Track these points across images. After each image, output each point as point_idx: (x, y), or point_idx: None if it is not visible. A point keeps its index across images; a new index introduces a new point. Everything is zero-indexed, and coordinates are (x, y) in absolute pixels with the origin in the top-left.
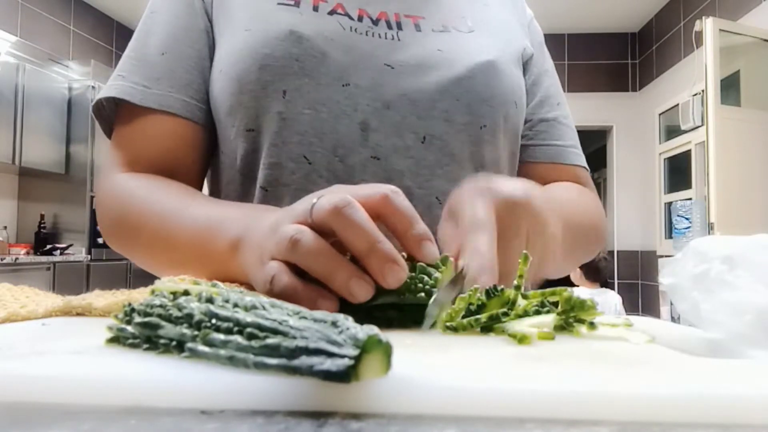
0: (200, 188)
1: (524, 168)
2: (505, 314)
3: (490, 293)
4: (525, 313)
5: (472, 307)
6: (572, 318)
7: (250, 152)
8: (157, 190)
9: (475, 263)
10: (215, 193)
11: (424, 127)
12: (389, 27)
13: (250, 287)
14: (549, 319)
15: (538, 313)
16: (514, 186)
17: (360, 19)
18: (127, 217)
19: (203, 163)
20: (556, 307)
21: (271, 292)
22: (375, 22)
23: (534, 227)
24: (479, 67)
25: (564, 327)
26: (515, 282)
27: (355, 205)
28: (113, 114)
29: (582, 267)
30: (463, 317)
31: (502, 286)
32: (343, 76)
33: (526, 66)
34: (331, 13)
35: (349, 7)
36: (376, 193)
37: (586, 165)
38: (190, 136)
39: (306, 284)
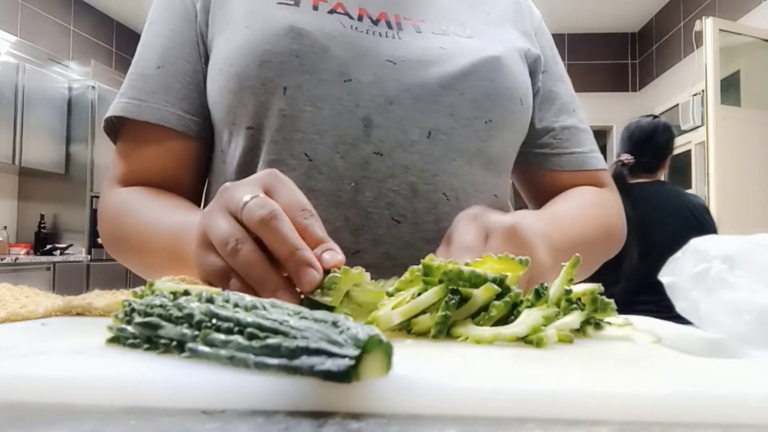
0: (198, 197)
1: (548, 176)
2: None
3: (540, 293)
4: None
5: (512, 318)
6: (593, 319)
7: (248, 150)
8: (145, 202)
9: None
10: (211, 194)
11: (428, 122)
12: (389, 27)
13: None
14: (573, 318)
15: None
16: (503, 216)
17: (360, 18)
18: (117, 229)
19: (199, 174)
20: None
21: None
22: (375, 22)
23: (521, 253)
24: (483, 62)
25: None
26: (564, 286)
27: (279, 216)
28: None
29: None
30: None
31: (546, 284)
32: (345, 72)
33: (533, 68)
34: (331, 12)
35: (349, 7)
36: (292, 203)
37: (605, 166)
38: (185, 150)
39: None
